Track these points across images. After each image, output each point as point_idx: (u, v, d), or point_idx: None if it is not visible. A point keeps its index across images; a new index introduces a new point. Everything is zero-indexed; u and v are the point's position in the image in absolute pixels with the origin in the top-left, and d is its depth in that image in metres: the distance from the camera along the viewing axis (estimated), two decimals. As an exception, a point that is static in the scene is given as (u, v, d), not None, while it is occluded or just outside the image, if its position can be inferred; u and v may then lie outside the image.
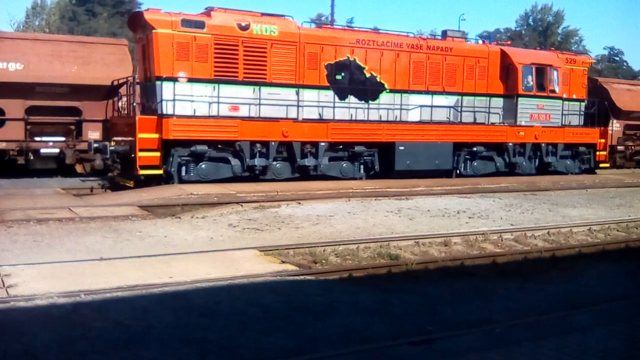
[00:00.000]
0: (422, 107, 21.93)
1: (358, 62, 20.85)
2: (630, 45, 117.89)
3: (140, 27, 18.82)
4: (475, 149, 23.14)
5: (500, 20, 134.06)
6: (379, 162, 21.35)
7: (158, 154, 17.66)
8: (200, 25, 18.20)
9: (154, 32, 17.75)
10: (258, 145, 18.98)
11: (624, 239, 13.43)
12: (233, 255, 10.29)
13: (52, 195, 17.48)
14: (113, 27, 53.86)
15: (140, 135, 17.37)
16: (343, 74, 20.63)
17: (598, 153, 26.54)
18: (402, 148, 21.21)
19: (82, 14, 59.95)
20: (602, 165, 26.98)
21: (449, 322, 7.82)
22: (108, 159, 19.18)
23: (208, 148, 18.37)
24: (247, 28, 18.77)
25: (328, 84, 20.30)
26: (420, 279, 9.76)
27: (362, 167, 21.29)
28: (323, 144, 19.95)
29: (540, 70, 23.95)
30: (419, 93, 22.03)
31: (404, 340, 6.81)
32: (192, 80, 18.13)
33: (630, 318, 7.82)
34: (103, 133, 21.10)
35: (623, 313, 8.21)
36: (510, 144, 23.74)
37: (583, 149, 26.15)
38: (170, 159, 17.96)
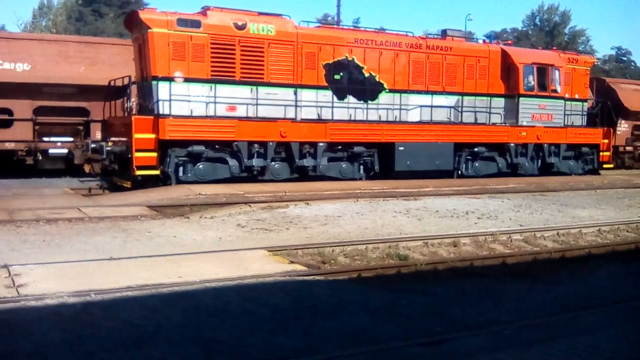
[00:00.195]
0: (422, 107, 21.79)
1: (357, 61, 20.70)
2: (638, 45, 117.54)
3: (137, 26, 18.77)
4: (477, 150, 23.02)
5: (507, 21, 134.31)
6: (379, 162, 21.22)
7: (155, 155, 17.60)
8: (197, 25, 18.10)
9: (150, 31, 17.67)
10: (256, 146, 18.92)
11: (634, 240, 13.34)
12: (242, 255, 10.29)
13: (61, 196, 17.55)
14: (120, 27, 53.92)
15: (137, 136, 17.30)
16: (342, 74, 20.49)
17: (601, 154, 26.36)
18: (402, 148, 21.10)
19: (88, 15, 60.21)
20: (605, 166, 26.80)
21: (458, 323, 7.80)
22: (105, 160, 19.10)
23: (205, 148, 18.30)
24: (243, 27, 18.66)
25: (326, 84, 20.17)
26: (429, 280, 9.74)
27: (361, 167, 21.17)
28: (322, 145, 19.86)
29: (542, 70, 23.79)
30: (419, 93, 21.89)
31: (413, 341, 6.79)
32: (188, 80, 18.05)
33: (641, 319, 7.79)
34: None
35: (633, 314, 8.17)
36: (512, 145, 23.61)
37: (586, 150, 25.97)
38: (167, 160, 17.90)
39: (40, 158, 21.17)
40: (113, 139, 19.06)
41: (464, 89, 22.70)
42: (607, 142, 26.44)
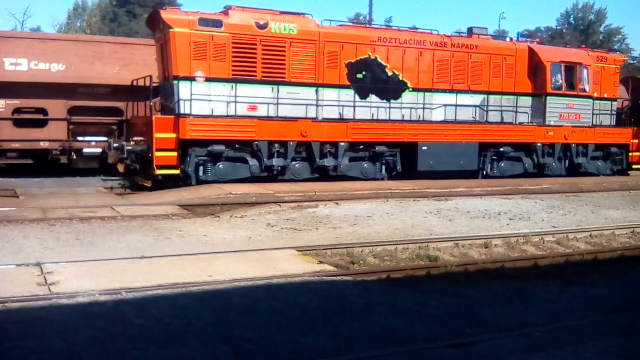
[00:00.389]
0: (446, 106, 21.52)
1: (380, 60, 20.50)
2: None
3: (159, 26, 18.78)
4: (503, 150, 22.64)
5: (541, 19, 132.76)
6: (402, 162, 21.01)
7: (175, 154, 17.64)
8: (218, 25, 18.07)
9: (172, 31, 17.69)
10: (276, 146, 18.86)
11: (669, 242, 13.13)
12: (271, 255, 10.33)
13: (94, 195, 17.77)
14: (154, 28, 54.48)
15: (157, 135, 17.36)
16: (364, 73, 20.29)
17: (631, 154, 25.88)
18: (425, 148, 20.87)
19: (123, 16, 60.92)
20: (635, 167, 26.29)
21: (489, 324, 7.74)
22: (127, 159, 19.27)
23: (226, 148, 18.28)
24: (265, 27, 18.60)
25: (349, 83, 20.01)
26: (460, 281, 9.68)
27: (384, 167, 20.96)
28: (343, 144, 19.72)
29: (570, 69, 23.37)
30: (443, 92, 21.63)
31: (443, 343, 6.74)
32: (209, 80, 18.02)
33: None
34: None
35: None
36: (539, 145, 23.24)
37: (615, 150, 25.52)
38: (188, 159, 17.93)
39: (75, 157, 21.43)
40: (135, 139, 19.20)
41: (490, 88, 22.37)
42: (637, 142, 25.94)
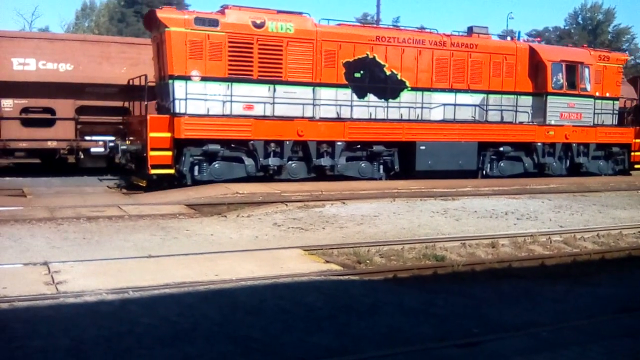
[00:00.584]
0: (445, 105, 21.38)
1: (378, 59, 20.35)
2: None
3: (155, 25, 18.70)
4: (502, 149, 22.48)
5: (549, 19, 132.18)
6: (399, 162, 20.89)
7: (170, 153, 17.56)
8: (214, 24, 17.99)
9: (167, 30, 17.60)
10: (272, 145, 18.77)
11: (677, 242, 13.07)
12: (278, 254, 10.34)
13: (101, 194, 17.82)
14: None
15: (152, 135, 17.29)
16: (362, 72, 20.14)
17: (633, 154, 25.61)
18: (423, 148, 20.74)
19: (130, 16, 61.00)
20: (637, 167, 26.01)
21: (496, 324, 7.72)
22: (121, 159, 19.21)
23: (221, 147, 18.20)
24: (262, 26, 18.51)
25: (346, 82, 19.86)
26: (466, 281, 9.67)
27: (381, 167, 20.83)
28: (340, 144, 19.60)
29: (571, 68, 23.18)
30: (442, 91, 21.47)
31: (449, 342, 6.74)
32: (205, 79, 17.94)
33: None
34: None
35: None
36: (539, 144, 23.06)
37: (617, 150, 25.29)
38: (183, 159, 17.86)
39: (82, 157, 21.49)
40: (130, 138, 19.16)
41: (490, 87, 22.20)
42: (639, 142, 25.70)
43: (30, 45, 21.01)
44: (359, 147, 20.29)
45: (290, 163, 19.30)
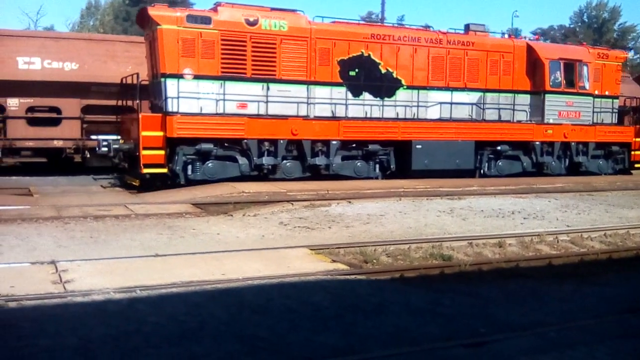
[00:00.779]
0: (441, 104, 21.22)
1: (373, 57, 20.16)
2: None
3: (147, 23, 18.59)
4: (500, 148, 22.29)
5: (554, 17, 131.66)
6: (395, 161, 20.73)
7: (162, 152, 17.46)
8: (207, 21, 17.85)
9: (159, 28, 17.47)
10: (266, 144, 18.63)
11: (684, 242, 13.03)
12: (284, 254, 10.34)
13: (108, 193, 17.86)
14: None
15: (144, 133, 17.18)
16: (357, 70, 19.97)
17: (633, 152, 25.41)
18: (419, 147, 20.57)
19: (135, 14, 61.03)
20: (637, 166, 25.81)
21: (502, 324, 7.71)
22: (114, 158, 19.16)
23: (214, 146, 18.08)
24: (255, 23, 18.37)
25: (341, 81, 19.71)
26: (473, 280, 9.65)
27: (377, 166, 20.66)
28: (335, 143, 19.45)
29: (569, 66, 22.98)
30: (439, 89, 21.29)
31: (456, 342, 6.73)
32: (198, 77, 17.80)
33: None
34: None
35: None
36: (537, 143, 22.86)
37: (616, 149, 25.08)
38: (176, 158, 17.76)
39: (88, 156, 21.54)
40: (124, 137, 19.10)
41: (487, 85, 22.02)
42: (639, 140, 25.48)
43: (36, 44, 21.08)
44: (355, 146, 20.15)
45: (285, 162, 19.16)
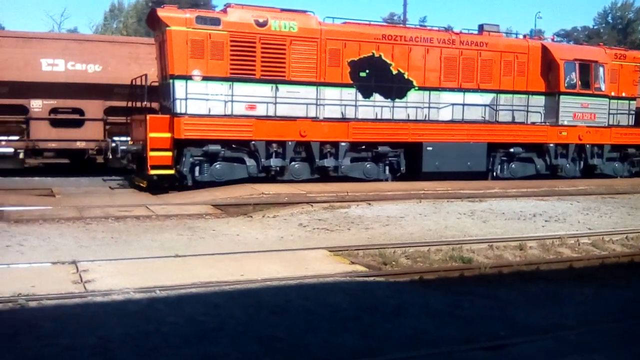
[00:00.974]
0: (454, 105, 20.92)
1: (384, 58, 19.93)
2: None
3: (157, 25, 18.51)
4: (513, 150, 21.98)
5: (578, 19, 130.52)
6: (406, 163, 20.49)
7: (170, 154, 17.41)
8: (216, 22, 17.76)
9: (168, 29, 17.41)
10: (274, 145, 18.48)
11: None
12: (303, 255, 10.35)
13: (129, 193, 17.95)
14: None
15: (151, 135, 17.16)
16: (368, 71, 19.75)
17: None
18: (430, 148, 20.32)
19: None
20: None
21: (522, 327, 7.65)
22: (123, 159, 19.14)
23: (222, 148, 17.97)
24: (265, 24, 18.25)
25: (351, 82, 19.52)
26: (493, 283, 9.59)
27: (387, 168, 20.46)
28: (344, 144, 19.24)
29: (585, 67, 22.57)
30: (451, 91, 20.98)
31: (475, 345, 6.70)
32: (207, 79, 17.69)
33: None
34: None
35: None
36: (552, 145, 22.46)
37: (633, 151, 24.58)
38: (183, 159, 17.70)
39: (110, 157, 21.68)
40: (133, 138, 19.11)
41: (501, 87, 21.70)
42: None
43: (59, 47, 21.26)
44: (364, 147, 19.96)
45: (294, 164, 19.04)
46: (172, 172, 17.62)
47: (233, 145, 18.30)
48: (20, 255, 9.94)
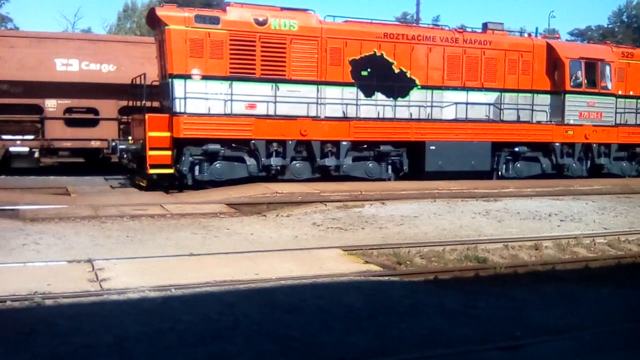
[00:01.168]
0: (457, 104, 20.78)
1: (386, 57, 19.77)
2: None
3: (156, 24, 18.47)
4: (518, 150, 21.82)
5: (592, 18, 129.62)
6: (409, 162, 20.40)
7: (169, 153, 17.43)
8: (215, 21, 17.70)
9: (167, 28, 17.38)
10: (274, 145, 18.46)
11: None
12: (317, 254, 10.35)
13: (144, 193, 18.00)
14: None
15: (150, 134, 17.17)
16: (369, 70, 19.58)
17: None
18: (433, 148, 20.19)
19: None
20: None
21: (538, 327, 7.60)
22: (123, 158, 19.16)
23: (222, 147, 17.95)
24: (264, 23, 18.17)
25: (352, 81, 19.33)
26: (509, 283, 9.55)
27: (389, 167, 20.35)
28: (345, 144, 19.18)
29: (591, 65, 22.33)
30: (454, 89, 20.82)
31: (490, 345, 6.66)
32: (206, 78, 17.65)
33: None
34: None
35: None
36: (557, 144, 22.28)
37: None
38: (183, 158, 17.68)
39: (125, 156, 21.76)
40: (133, 137, 19.14)
41: (505, 85, 21.52)
42: None
43: (73, 47, 21.40)
44: (366, 147, 19.87)
45: (294, 163, 18.98)
46: (171, 171, 17.62)
47: (233, 145, 18.27)
48: (36, 254, 9.99)
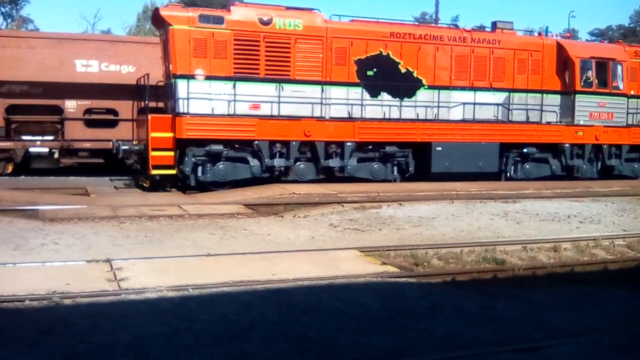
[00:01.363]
0: (465, 104, 20.55)
1: (392, 56, 19.57)
2: None
3: (160, 24, 18.34)
4: (527, 151, 21.51)
5: (613, 17, 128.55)
6: (415, 163, 20.18)
7: (172, 154, 17.36)
8: (219, 21, 17.57)
9: (171, 28, 17.31)
10: (278, 145, 18.33)
11: None
12: (334, 255, 10.34)
13: (162, 193, 18.08)
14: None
15: (153, 135, 17.12)
16: (375, 70, 19.34)
17: None
18: (439, 149, 19.95)
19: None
20: None
21: (556, 329, 7.56)
22: (126, 159, 19.13)
23: (225, 148, 17.85)
24: (269, 23, 18.06)
25: (358, 81, 19.14)
26: (527, 285, 9.49)
27: (395, 168, 20.15)
28: (349, 144, 18.99)
29: (602, 65, 22.00)
30: (462, 89, 20.55)
31: (508, 347, 6.63)
32: (210, 78, 17.54)
33: None
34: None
35: None
36: (567, 145, 21.94)
37: None
38: (185, 159, 17.61)
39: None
40: (137, 138, 19.13)
41: (514, 85, 21.23)
42: None
43: (93, 48, 21.53)
44: (371, 147, 19.68)
45: (298, 164, 18.85)
46: (174, 172, 17.60)
47: (236, 145, 18.18)
48: (55, 254, 10.07)
